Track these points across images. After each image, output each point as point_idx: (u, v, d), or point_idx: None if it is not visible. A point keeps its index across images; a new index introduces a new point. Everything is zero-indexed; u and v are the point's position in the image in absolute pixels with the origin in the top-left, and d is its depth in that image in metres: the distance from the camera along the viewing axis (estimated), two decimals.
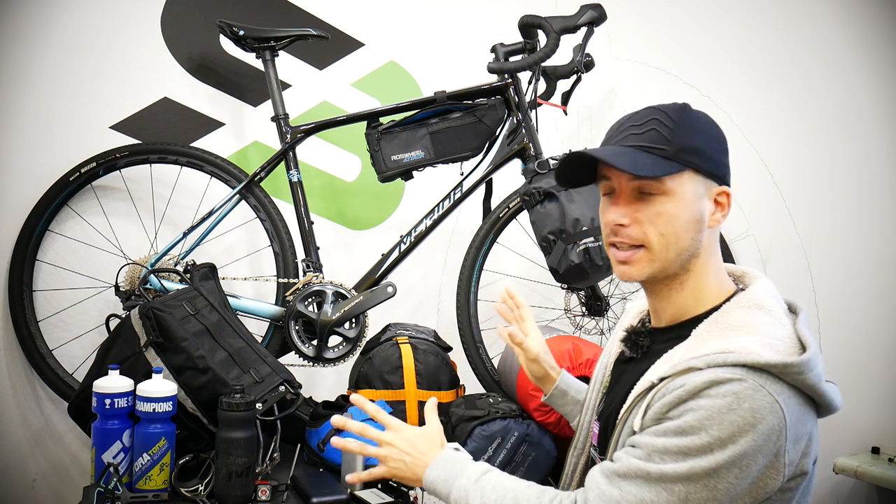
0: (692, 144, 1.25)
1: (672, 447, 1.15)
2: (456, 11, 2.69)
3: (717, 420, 1.12)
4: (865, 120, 2.61)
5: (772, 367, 1.15)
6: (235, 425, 1.72)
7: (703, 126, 1.29)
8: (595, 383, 1.49)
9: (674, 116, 1.26)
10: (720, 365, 1.16)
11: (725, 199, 1.29)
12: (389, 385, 2.11)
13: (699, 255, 1.29)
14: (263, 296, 2.49)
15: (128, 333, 1.87)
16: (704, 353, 1.19)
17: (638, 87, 2.72)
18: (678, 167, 1.24)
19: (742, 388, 1.13)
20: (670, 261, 1.27)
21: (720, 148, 1.30)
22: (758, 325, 1.22)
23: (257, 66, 2.37)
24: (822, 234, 2.64)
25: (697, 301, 1.30)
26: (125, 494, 1.68)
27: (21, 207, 2.31)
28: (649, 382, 1.24)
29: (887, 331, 2.61)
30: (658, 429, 1.18)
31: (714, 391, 1.14)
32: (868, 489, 2.57)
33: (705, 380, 1.15)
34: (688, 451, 1.13)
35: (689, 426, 1.14)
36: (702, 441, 1.13)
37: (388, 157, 2.29)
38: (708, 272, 1.30)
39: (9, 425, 2.35)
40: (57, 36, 2.36)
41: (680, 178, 1.25)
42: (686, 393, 1.16)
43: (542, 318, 2.56)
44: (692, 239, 1.27)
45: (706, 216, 1.27)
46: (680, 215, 1.25)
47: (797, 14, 2.63)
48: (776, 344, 1.19)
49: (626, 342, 1.40)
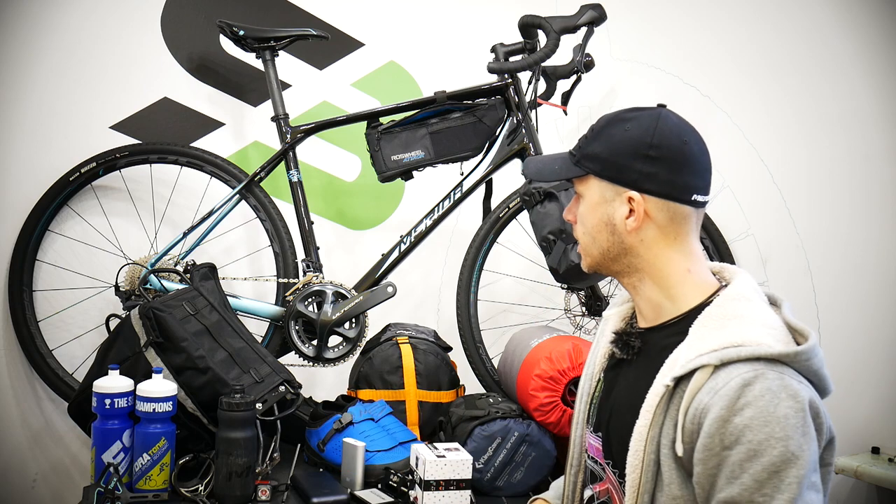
0: (593, 151, 1.33)
1: (760, 475, 1.12)
2: (456, 11, 2.69)
3: (773, 421, 1.12)
4: (865, 120, 2.61)
5: (784, 356, 1.16)
6: (235, 425, 1.72)
7: (616, 133, 1.32)
8: (582, 394, 1.47)
9: (598, 125, 1.35)
10: (734, 360, 1.16)
11: (633, 205, 1.30)
12: (389, 385, 2.11)
13: (639, 257, 1.32)
14: (263, 296, 2.49)
15: (128, 333, 1.87)
16: (713, 349, 1.19)
17: (638, 87, 2.72)
18: (578, 172, 1.36)
19: (770, 381, 1.14)
20: (598, 258, 1.37)
21: (633, 154, 1.29)
22: (751, 314, 1.23)
23: (257, 66, 2.37)
24: (822, 234, 2.64)
25: (674, 300, 1.31)
26: (125, 494, 1.68)
27: (21, 207, 2.31)
28: (663, 388, 1.22)
29: (887, 331, 2.61)
30: (730, 470, 1.14)
31: (750, 395, 1.13)
32: (868, 489, 2.57)
33: (734, 387, 1.14)
34: (775, 467, 1.12)
35: (758, 442, 1.12)
36: (777, 449, 1.12)
37: (388, 157, 2.29)
38: (668, 275, 1.31)
39: (9, 425, 2.35)
40: (57, 36, 2.37)
41: (587, 182, 1.35)
42: (724, 410, 1.14)
43: (542, 318, 2.56)
44: (608, 241, 1.33)
45: (617, 220, 1.32)
46: (589, 216, 1.36)
47: (797, 14, 2.63)
48: (773, 332, 1.21)
49: (616, 343, 1.39)
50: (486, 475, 1.88)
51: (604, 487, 1.37)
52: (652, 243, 1.32)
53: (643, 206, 1.29)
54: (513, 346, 2.18)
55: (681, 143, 1.30)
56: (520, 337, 2.19)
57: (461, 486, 1.72)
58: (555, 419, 1.94)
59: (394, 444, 1.92)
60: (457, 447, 1.80)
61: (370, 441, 1.89)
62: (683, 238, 1.32)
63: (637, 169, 1.29)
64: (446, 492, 1.71)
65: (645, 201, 1.29)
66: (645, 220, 1.30)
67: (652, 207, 1.30)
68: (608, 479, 1.35)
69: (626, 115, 1.33)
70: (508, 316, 2.63)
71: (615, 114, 1.35)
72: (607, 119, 1.35)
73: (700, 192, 1.31)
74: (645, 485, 1.22)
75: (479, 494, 1.87)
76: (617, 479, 1.32)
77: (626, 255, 1.33)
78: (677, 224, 1.31)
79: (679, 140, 1.30)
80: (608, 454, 1.35)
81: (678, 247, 1.32)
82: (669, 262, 1.32)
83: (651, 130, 1.29)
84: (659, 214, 1.30)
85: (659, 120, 1.31)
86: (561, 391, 1.95)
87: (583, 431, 1.45)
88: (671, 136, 1.30)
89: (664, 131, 1.30)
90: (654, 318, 1.35)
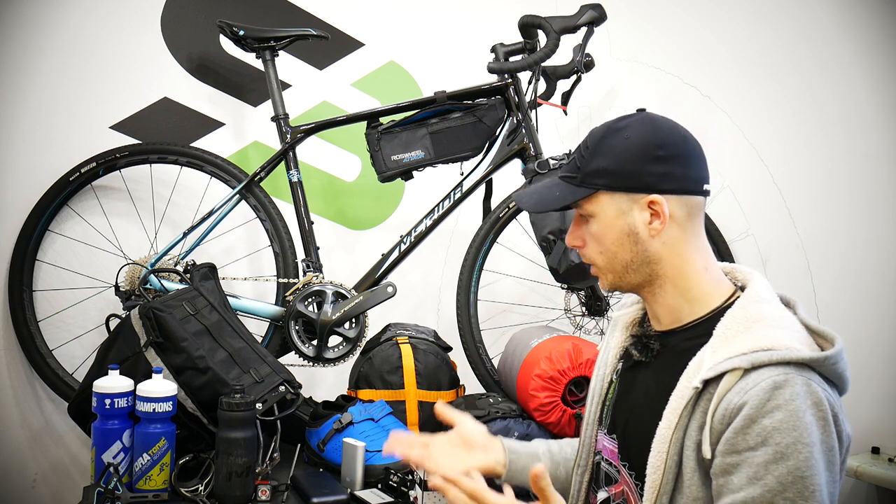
0: (598, 167, 1.31)
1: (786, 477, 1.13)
2: (456, 11, 2.69)
3: (801, 426, 1.13)
4: (865, 120, 2.61)
5: (812, 361, 1.17)
6: (235, 425, 1.72)
7: (617, 144, 1.30)
8: (594, 396, 1.47)
9: (591, 142, 1.33)
10: (765, 364, 1.17)
11: (656, 207, 1.29)
12: (389, 385, 2.11)
13: (662, 261, 1.31)
14: (263, 296, 2.49)
15: (128, 333, 1.87)
16: (742, 352, 1.19)
17: (638, 87, 2.72)
18: (585, 192, 1.32)
19: (798, 387, 1.15)
20: (621, 274, 1.34)
21: (643, 158, 1.29)
22: (774, 316, 1.24)
23: (257, 66, 2.37)
24: (822, 234, 2.64)
25: (693, 302, 1.32)
26: (125, 494, 1.68)
27: (21, 207, 2.31)
28: (690, 390, 1.22)
29: (887, 331, 2.61)
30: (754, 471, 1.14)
31: (780, 398, 1.14)
32: (868, 489, 2.57)
33: (765, 388, 1.15)
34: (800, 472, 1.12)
35: (786, 445, 1.13)
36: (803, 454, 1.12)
37: (388, 157, 2.29)
38: (688, 275, 1.32)
39: (9, 425, 2.35)
40: (57, 36, 2.36)
41: (597, 200, 1.32)
42: (754, 410, 1.14)
43: (542, 318, 2.56)
44: (631, 252, 1.31)
45: (640, 228, 1.30)
46: (606, 233, 1.32)
47: (797, 14, 2.63)
48: (797, 336, 1.22)
49: (635, 346, 1.39)
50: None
51: (619, 489, 1.36)
52: (673, 244, 1.31)
53: (666, 207, 1.29)
54: (513, 346, 2.18)
55: (681, 137, 1.31)
56: (520, 337, 2.19)
57: None
58: (555, 419, 1.94)
59: None
60: None
61: (370, 441, 1.89)
62: (698, 232, 1.33)
63: (651, 171, 1.29)
64: None
65: (667, 201, 1.29)
66: (668, 221, 1.30)
67: (673, 206, 1.30)
68: (623, 480, 1.35)
69: (618, 124, 1.33)
70: (508, 316, 2.63)
71: (605, 127, 1.34)
72: (600, 134, 1.33)
73: (707, 181, 1.33)
74: (665, 486, 1.23)
75: None
76: (633, 481, 1.32)
77: (649, 264, 1.32)
78: (694, 217, 1.32)
79: (679, 135, 1.31)
80: (625, 456, 1.35)
81: (695, 242, 1.33)
82: (688, 262, 1.32)
83: (651, 132, 1.30)
84: (679, 212, 1.31)
85: (653, 121, 1.32)
86: (561, 391, 1.96)
87: (594, 432, 1.45)
88: (672, 134, 1.31)
89: (664, 130, 1.31)
90: (671, 321, 1.34)
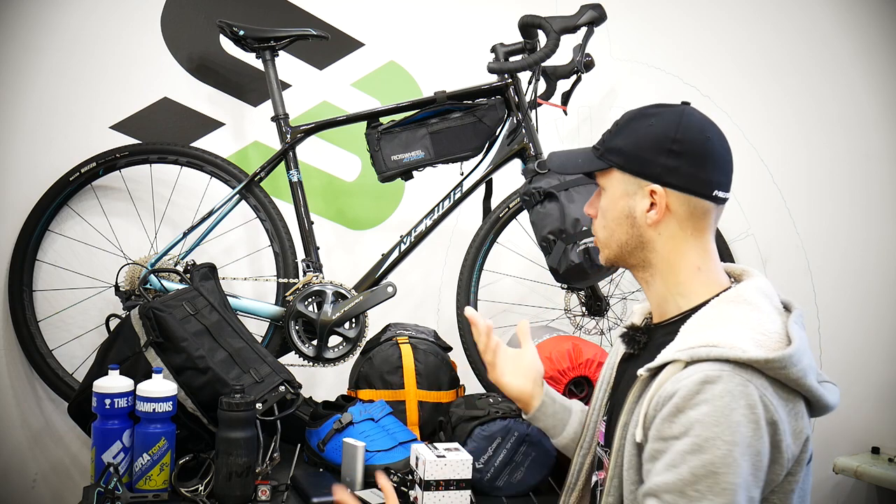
0: (617, 145, 1.36)
1: (699, 470, 1.14)
2: (456, 11, 2.69)
3: (724, 423, 1.13)
4: (865, 120, 2.61)
5: (754, 362, 1.17)
6: (235, 425, 1.72)
7: (640, 128, 1.34)
8: (602, 383, 1.52)
9: (623, 120, 1.38)
10: (703, 359, 1.18)
11: (656, 198, 1.32)
12: (389, 385, 2.11)
13: (655, 252, 1.35)
14: (263, 296, 2.49)
15: (128, 333, 1.87)
16: (689, 346, 1.21)
17: (638, 87, 2.72)
18: (601, 165, 1.38)
19: (733, 385, 1.15)
20: (616, 251, 1.39)
21: (656, 148, 1.32)
22: (743, 318, 1.25)
23: (257, 66, 2.37)
24: (822, 234, 2.64)
25: (678, 297, 1.35)
26: (125, 494, 1.68)
27: (21, 207, 2.31)
28: (638, 378, 1.29)
29: (887, 331, 2.61)
30: (672, 458, 1.16)
31: (709, 393, 1.15)
32: (868, 489, 2.57)
33: (696, 381, 1.16)
34: (714, 467, 1.13)
35: (704, 439, 1.14)
36: (721, 451, 1.13)
37: (388, 157, 2.29)
38: (678, 271, 1.34)
39: (9, 425, 2.35)
40: (57, 36, 2.37)
41: (610, 176, 1.37)
42: (682, 400, 1.17)
43: (542, 318, 2.56)
44: (627, 233, 1.36)
45: (637, 213, 1.34)
46: (610, 209, 1.38)
47: (797, 14, 2.63)
48: (761, 339, 1.21)
49: (623, 338, 1.44)
50: (486, 475, 1.88)
51: (603, 475, 1.41)
52: (669, 238, 1.34)
53: (665, 200, 1.32)
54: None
55: (704, 138, 1.33)
56: None
57: (461, 486, 1.72)
58: None
59: (394, 444, 1.92)
60: (457, 447, 1.80)
61: (370, 441, 1.89)
62: (700, 234, 1.34)
63: (660, 163, 1.32)
64: (446, 492, 1.71)
65: (667, 195, 1.32)
66: (665, 214, 1.33)
67: (673, 201, 1.32)
68: (605, 465, 1.39)
69: (650, 110, 1.36)
70: (508, 316, 2.63)
71: (639, 109, 1.38)
72: (631, 114, 1.38)
73: (721, 188, 1.34)
74: (614, 469, 1.30)
75: (478, 494, 1.87)
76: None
77: (643, 250, 1.36)
78: (696, 219, 1.33)
79: (702, 135, 1.33)
80: (608, 442, 1.41)
81: (694, 243, 1.34)
82: (681, 259, 1.34)
83: (675, 125, 1.32)
84: (680, 209, 1.32)
85: (683, 116, 1.33)
86: (561, 391, 1.96)
87: (598, 418, 1.50)
88: (694, 132, 1.32)
89: (687, 127, 1.32)
90: (659, 315, 1.39)
